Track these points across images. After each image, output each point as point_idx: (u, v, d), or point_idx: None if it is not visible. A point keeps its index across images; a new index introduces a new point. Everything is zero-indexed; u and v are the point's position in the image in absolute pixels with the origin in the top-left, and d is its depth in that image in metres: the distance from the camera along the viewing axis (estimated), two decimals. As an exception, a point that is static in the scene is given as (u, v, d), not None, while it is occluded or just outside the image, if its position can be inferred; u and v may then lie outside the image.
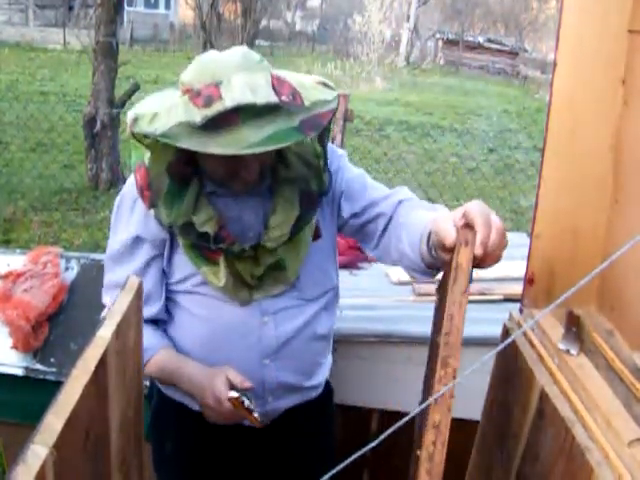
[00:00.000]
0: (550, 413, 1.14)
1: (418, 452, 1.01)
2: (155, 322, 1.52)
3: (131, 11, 24.88)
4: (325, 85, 1.34)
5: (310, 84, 1.32)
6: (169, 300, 1.52)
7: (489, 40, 30.54)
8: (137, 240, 1.45)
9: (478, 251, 1.07)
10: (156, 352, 1.47)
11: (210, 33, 19.51)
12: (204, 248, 1.39)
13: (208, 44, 16.22)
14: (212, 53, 1.33)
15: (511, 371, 1.35)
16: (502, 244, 1.11)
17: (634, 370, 1.18)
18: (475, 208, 1.12)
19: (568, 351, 1.26)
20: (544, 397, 1.17)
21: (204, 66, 1.28)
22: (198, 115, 1.18)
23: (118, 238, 1.48)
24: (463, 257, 1.06)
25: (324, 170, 1.43)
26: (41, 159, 7.42)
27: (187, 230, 1.37)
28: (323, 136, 1.40)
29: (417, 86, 20.65)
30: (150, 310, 1.47)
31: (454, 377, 0.97)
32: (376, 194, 1.52)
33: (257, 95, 1.18)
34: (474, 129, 12.17)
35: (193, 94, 1.23)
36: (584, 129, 1.34)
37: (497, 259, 1.12)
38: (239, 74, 1.22)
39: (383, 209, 1.49)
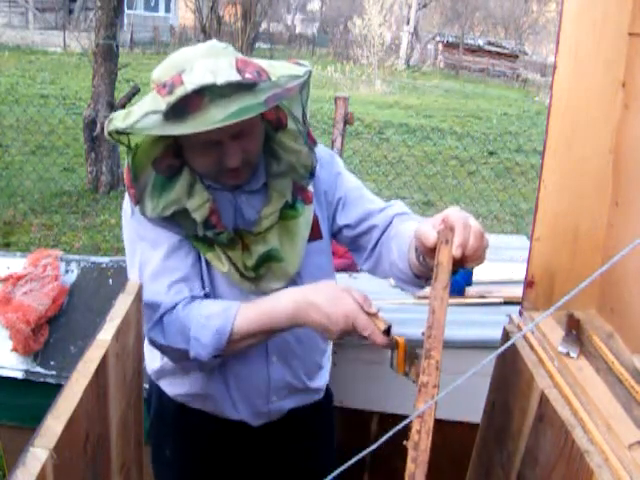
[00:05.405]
0: (550, 416, 1.14)
1: (405, 442, 1.02)
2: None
3: (131, 14, 24.93)
4: (298, 64, 1.34)
5: (280, 63, 1.33)
6: None
7: (489, 43, 30.62)
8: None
9: (457, 252, 1.11)
10: (238, 306, 1.33)
11: (210, 36, 19.55)
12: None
13: (208, 47, 16.24)
14: (182, 49, 1.35)
15: (511, 374, 1.35)
16: (481, 245, 1.14)
17: (634, 373, 1.18)
18: (454, 213, 1.16)
19: (568, 354, 1.26)
20: (544, 400, 1.17)
21: (171, 60, 1.30)
22: (163, 103, 1.20)
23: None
24: (443, 255, 1.11)
25: (311, 151, 1.43)
26: (41, 162, 7.41)
27: (174, 221, 1.36)
28: (305, 115, 1.41)
29: (417, 89, 20.71)
30: (197, 289, 1.40)
31: (437, 368, 1.00)
32: (371, 206, 1.53)
33: (217, 76, 1.19)
34: (474, 132, 12.18)
35: (160, 87, 1.25)
36: (584, 132, 1.34)
37: (480, 259, 1.15)
38: (202, 60, 1.25)
39: (377, 222, 1.50)
